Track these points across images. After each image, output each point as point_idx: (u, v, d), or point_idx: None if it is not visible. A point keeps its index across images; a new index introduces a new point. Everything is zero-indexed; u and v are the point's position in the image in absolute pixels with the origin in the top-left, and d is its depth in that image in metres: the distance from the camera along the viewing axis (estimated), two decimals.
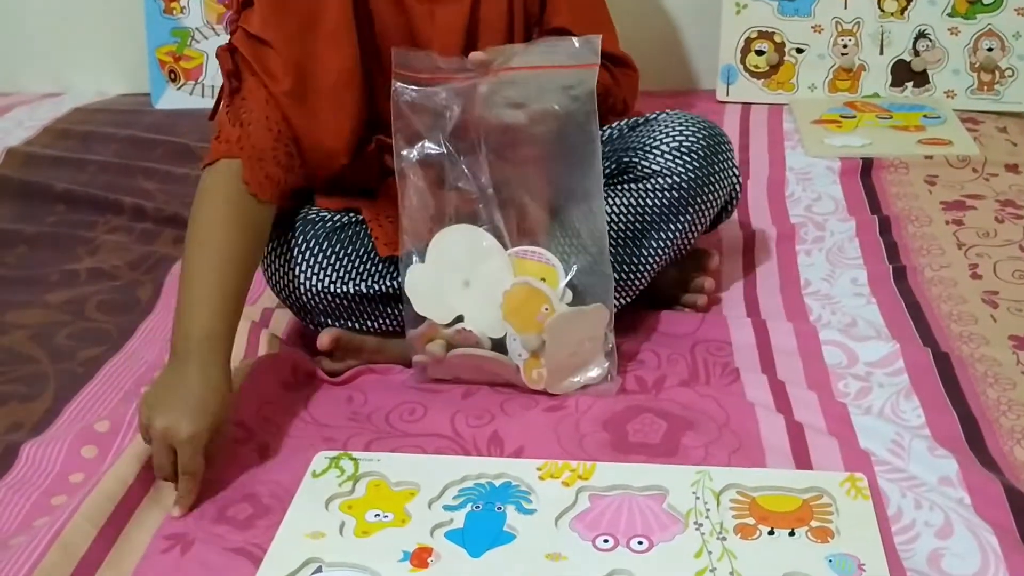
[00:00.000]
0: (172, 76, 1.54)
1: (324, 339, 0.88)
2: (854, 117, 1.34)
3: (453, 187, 0.82)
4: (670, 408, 0.81)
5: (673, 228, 0.88)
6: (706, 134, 0.88)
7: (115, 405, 0.86)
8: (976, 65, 1.39)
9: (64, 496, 0.75)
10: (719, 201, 0.90)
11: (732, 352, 0.89)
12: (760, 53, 1.43)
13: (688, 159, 0.87)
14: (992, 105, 1.38)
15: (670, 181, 0.87)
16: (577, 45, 0.81)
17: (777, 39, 1.42)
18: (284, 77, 0.84)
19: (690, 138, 0.88)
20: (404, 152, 0.82)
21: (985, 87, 1.39)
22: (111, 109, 1.54)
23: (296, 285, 0.88)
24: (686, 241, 0.90)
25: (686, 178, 0.87)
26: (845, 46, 1.41)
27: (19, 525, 0.73)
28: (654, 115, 0.92)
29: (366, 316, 0.89)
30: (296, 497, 0.73)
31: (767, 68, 1.43)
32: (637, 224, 0.88)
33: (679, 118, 0.90)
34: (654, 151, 0.88)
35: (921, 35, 1.40)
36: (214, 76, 1.53)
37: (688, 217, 0.88)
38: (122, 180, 1.28)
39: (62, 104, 1.56)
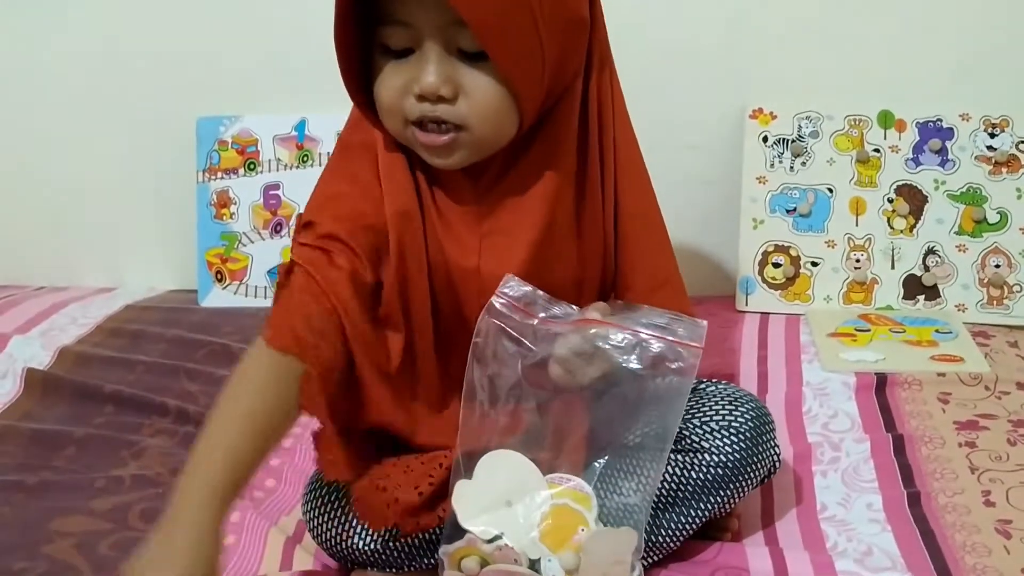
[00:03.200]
0: (219, 276, 1.63)
1: None
2: (868, 331, 1.39)
3: (509, 411, 0.86)
4: None
5: (712, 501, 0.92)
6: (754, 415, 0.92)
7: None
8: (985, 280, 1.45)
9: None
10: (760, 477, 0.94)
11: None
12: (777, 266, 1.50)
13: (735, 439, 0.91)
14: (1002, 319, 1.43)
15: (717, 459, 0.90)
16: (683, 326, 0.84)
17: (793, 252, 1.50)
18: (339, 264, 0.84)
19: (739, 419, 0.92)
20: (475, 369, 0.85)
21: (995, 302, 1.44)
22: (160, 307, 1.62)
23: (338, 543, 0.92)
24: (722, 512, 0.94)
25: (732, 458, 0.91)
26: (858, 260, 1.48)
27: None
28: (702, 384, 0.96)
29: (403, 563, 0.93)
30: None
31: (784, 280, 1.50)
32: (678, 493, 0.91)
33: (728, 395, 0.94)
34: (703, 427, 0.91)
35: (930, 251, 1.47)
36: (258, 277, 1.63)
37: (728, 491, 0.92)
38: (168, 381, 1.35)
39: (115, 300, 1.64)
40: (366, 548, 0.91)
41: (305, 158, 1.62)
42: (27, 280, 1.76)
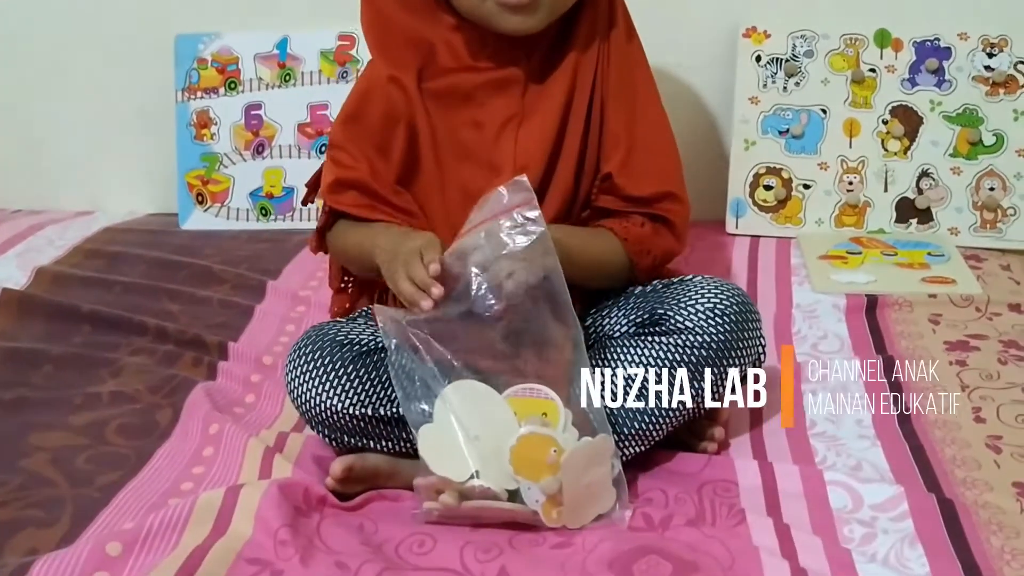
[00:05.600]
0: (199, 199, 1.60)
1: (337, 469, 0.90)
2: (860, 253, 1.37)
3: (437, 351, 0.86)
4: (676, 549, 0.82)
5: (696, 386, 0.91)
6: (738, 300, 0.93)
7: (125, 532, 0.86)
8: (979, 204, 1.43)
9: None
10: (743, 363, 0.92)
11: (738, 493, 0.90)
12: (768, 188, 1.47)
13: (720, 320, 0.91)
14: (995, 243, 1.42)
15: (700, 339, 0.90)
16: (508, 194, 0.87)
17: (784, 175, 1.47)
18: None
19: (724, 302, 0.92)
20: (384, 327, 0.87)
21: (988, 225, 1.43)
22: (140, 229, 1.59)
23: (317, 403, 0.91)
24: (705, 401, 0.93)
25: (716, 339, 0.90)
26: (851, 183, 1.46)
27: None
28: (690, 277, 0.97)
29: (382, 436, 0.92)
30: None
31: (775, 203, 1.47)
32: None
33: (714, 283, 0.94)
34: (687, 309, 0.92)
35: (924, 174, 1.44)
36: (240, 199, 1.59)
37: (712, 375, 0.91)
38: (147, 301, 1.32)
39: (93, 223, 1.61)
40: (345, 412, 0.90)
41: (287, 77, 1.58)
42: (3, 204, 1.72)
